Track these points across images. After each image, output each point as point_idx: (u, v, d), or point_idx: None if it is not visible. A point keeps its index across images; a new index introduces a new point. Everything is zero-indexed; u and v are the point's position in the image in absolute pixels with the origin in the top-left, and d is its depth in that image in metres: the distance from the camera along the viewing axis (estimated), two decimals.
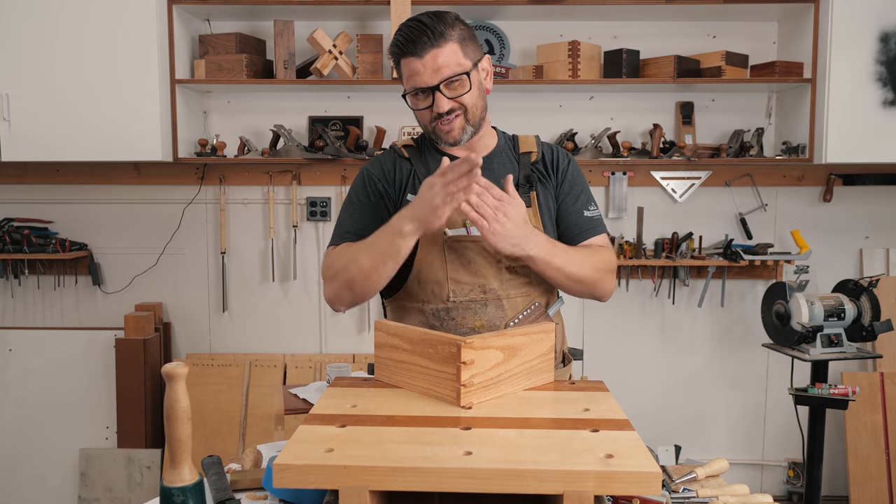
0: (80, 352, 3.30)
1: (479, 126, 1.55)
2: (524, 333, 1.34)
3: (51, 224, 3.34)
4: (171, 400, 1.07)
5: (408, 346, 1.33)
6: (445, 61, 1.45)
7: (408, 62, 1.47)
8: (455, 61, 1.46)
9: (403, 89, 1.54)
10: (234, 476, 1.33)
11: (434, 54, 1.45)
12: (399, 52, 1.48)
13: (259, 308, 3.37)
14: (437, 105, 1.48)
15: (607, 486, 0.96)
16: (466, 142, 1.55)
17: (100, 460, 3.24)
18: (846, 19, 2.86)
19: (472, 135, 1.55)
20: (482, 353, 1.25)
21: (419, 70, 1.46)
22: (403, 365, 1.34)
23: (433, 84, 1.46)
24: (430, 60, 1.45)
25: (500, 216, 1.38)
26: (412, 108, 1.53)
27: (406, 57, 1.47)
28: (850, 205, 3.30)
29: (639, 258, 3.20)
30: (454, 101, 1.48)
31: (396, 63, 1.52)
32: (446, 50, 1.46)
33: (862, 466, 3.21)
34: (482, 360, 1.25)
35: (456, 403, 1.22)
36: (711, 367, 3.38)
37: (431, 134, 1.55)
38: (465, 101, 1.50)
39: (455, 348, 1.22)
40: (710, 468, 1.45)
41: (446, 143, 1.54)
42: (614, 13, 3.09)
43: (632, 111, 3.26)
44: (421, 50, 1.45)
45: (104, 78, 2.88)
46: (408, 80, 1.50)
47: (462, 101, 1.49)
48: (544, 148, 1.64)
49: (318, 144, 3.08)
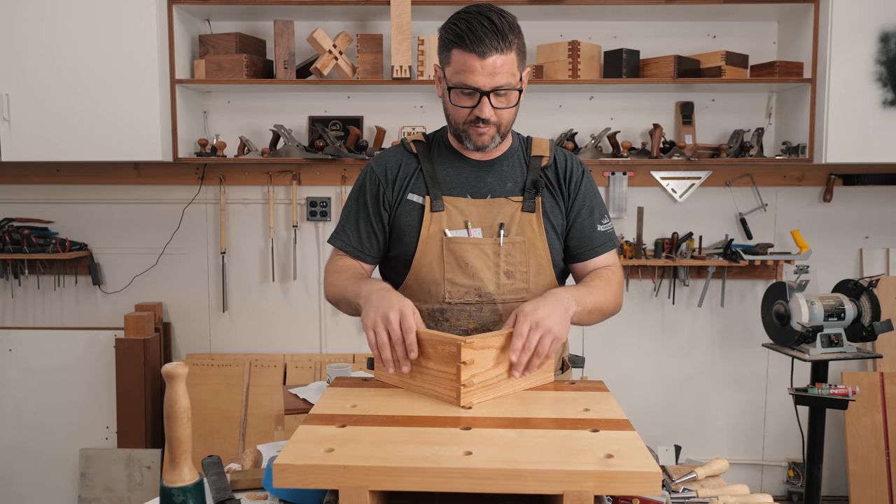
0: (80, 352, 3.30)
1: (505, 136, 1.55)
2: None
3: (51, 224, 3.34)
4: (171, 400, 1.07)
5: None
6: (503, 70, 1.41)
7: (465, 56, 1.40)
8: (510, 72, 1.42)
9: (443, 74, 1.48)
10: (234, 476, 1.33)
11: (495, 60, 1.39)
12: (459, 43, 1.40)
13: (259, 308, 3.37)
14: (481, 110, 1.44)
15: (607, 486, 0.96)
16: (493, 148, 1.53)
17: (100, 460, 3.24)
18: (846, 19, 2.86)
19: (499, 143, 1.53)
20: (482, 353, 1.25)
21: (476, 69, 1.40)
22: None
23: (486, 89, 1.41)
24: (490, 65, 1.39)
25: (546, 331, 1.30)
26: (451, 103, 1.47)
27: (466, 51, 1.40)
28: (850, 205, 3.30)
29: (639, 258, 3.20)
30: (495, 112, 1.45)
31: (447, 48, 1.44)
32: (508, 59, 1.41)
33: (862, 466, 3.21)
34: (482, 360, 1.25)
35: (456, 403, 1.22)
36: (711, 367, 3.38)
37: (460, 132, 1.51)
38: (503, 115, 1.47)
39: (455, 348, 1.22)
40: (710, 468, 1.45)
41: (473, 145, 1.51)
42: (614, 13, 3.09)
43: (632, 111, 3.26)
44: (486, 51, 1.38)
45: (104, 78, 2.88)
46: (456, 73, 1.43)
47: (501, 115, 1.47)
48: (557, 154, 1.62)
49: (318, 144, 3.08)
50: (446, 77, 1.47)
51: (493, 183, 1.57)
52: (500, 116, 1.47)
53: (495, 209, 1.54)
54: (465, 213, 1.54)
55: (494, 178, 1.57)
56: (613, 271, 1.60)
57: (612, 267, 1.62)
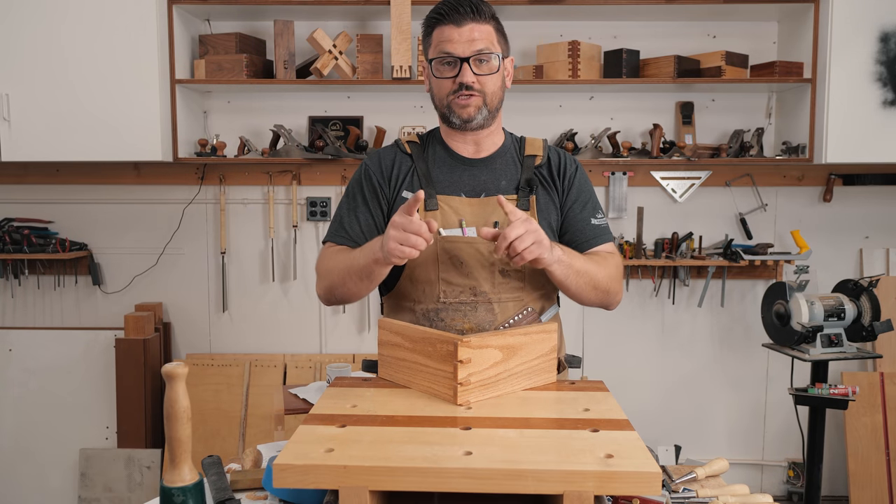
0: (80, 352, 3.31)
1: (494, 113, 1.56)
2: (524, 333, 1.34)
3: (51, 224, 3.34)
4: (171, 400, 1.07)
5: (408, 345, 1.33)
6: (481, 36, 1.49)
7: (443, 29, 1.49)
8: (489, 40, 1.50)
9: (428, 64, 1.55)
10: (234, 476, 1.33)
11: (472, 27, 1.48)
12: (438, 18, 1.50)
13: (259, 308, 3.37)
14: (462, 75, 1.49)
15: (607, 486, 0.96)
16: (479, 123, 1.54)
17: (100, 460, 3.24)
18: (846, 19, 2.86)
19: (486, 119, 1.54)
20: (480, 353, 1.25)
21: (454, 38, 1.48)
22: (405, 363, 1.35)
23: (464, 55, 1.48)
24: (468, 32, 1.48)
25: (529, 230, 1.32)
26: (434, 77, 1.53)
27: (443, 24, 1.49)
28: (850, 205, 3.30)
29: (639, 258, 3.20)
30: (478, 80, 1.50)
31: (428, 33, 1.54)
32: (484, 28, 1.50)
33: (862, 466, 3.21)
34: (480, 359, 1.25)
35: (453, 402, 1.22)
36: (711, 367, 3.38)
37: (445, 109, 1.54)
38: (487, 83, 1.51)
39: (452, 347, 1.22)
40: (710, 468, 1.45)
41: (459, 118, 1.53)
42: (614, 13, 3.09)
43: (632, 111, 3.26)
44: (461, 19, 1.48)
45: (104, 78, 2.88)
46: (437, 45, 1.51)
47: (484, 84, 1.51)
48: (551, 153, 1.63)
49: (318, 144, 3.09)
50: (428, 57, 1.54)
51: (487, 181, 1.58)
52: (483, 84, 1.51)
53: (489, 208, 1.54)
54: (460, 212, 1.54)
55: (488, 177, 1.58)
56: (611, 256, 1.59)
57: (609, 253, 1.61)
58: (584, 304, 1.56)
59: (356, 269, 1.46)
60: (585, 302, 1.55)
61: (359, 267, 1.45)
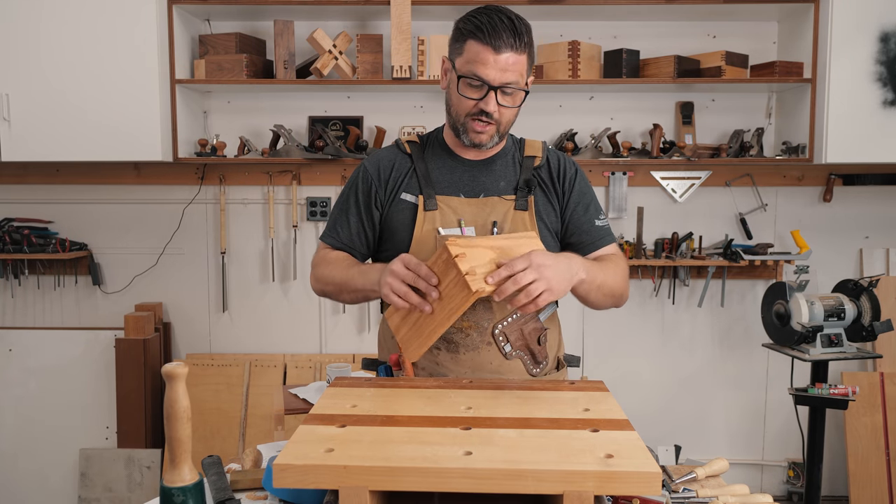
0: (80, 352, 3.30)
1: (503, 136, 1.57)
2: (506, 238, 1.40)
3: (51, 224, 3.34)
4: (171, 400, 1.07)
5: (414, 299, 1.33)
6: (514, 69, 1.45)
7: (480, 48, 1.43)
8: (520, 72, 1.47)
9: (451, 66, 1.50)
10: (234, 476, 1.33)
11: (509, 57, 1.44)
12: (476, 34, 1.44)
13: (259, 308, 3.37)
14: (486, 103, 1.47)
15: (607, 486, 0.96)
16: (488, 147, 1.55)
17: (100, 460, 3.24)
18: (846, 19, 2.86)
19: (496, 143, 1.56)
20: (472, 251, 1.29)
21: (489, 62, 1.43)
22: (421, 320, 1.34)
23: (495, 84, 1.45)
24: (503, 61, 1.43)
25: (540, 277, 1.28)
26: (458, 93, 1.49)
27: (482, 43, 1.43)
28: (850, 205, 3.30)
29: (639, 258, 3.20)
30: (499, 110, 1.48)
31: (461, 38, 1.47)
32: (520, 59, 1.46)
33: (862, 466, 3.21)
34: (476, 256, 1.29)
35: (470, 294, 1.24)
36: (711, 367, 3.38)
37: (459, 126, 1.53)
38: (506, 113, 1.50)
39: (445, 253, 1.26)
40: (710, 468, 1.45)
41: (471, 141, 1.53)
42: (614, 13, 3.09)
43: (632, 111, 3.26)
44: (502, 46, 1.43)
45: (104, 78, 2.88)
46: (468, 62, 1.45)
47: (503, 114, 1.50)
48: (550, 155, 1.64)
49: (318, 144, 3.09)
50: (456, 67, 1.49)
51: (486, 182, 1.58)
52: (502, 115, 1.50)
53: (488, 208, 1.55)
54: (459, 212, 1.55)
55: (487, 178, 1.59)
56: (619, 258, 1.63)
57: (615, 255, 1.64)
58: (598, 309, 1.60)
59: (352, 288, 1.52)
60: (600, 308, 1.58)
61: (354, 287, 1.51)
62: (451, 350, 1.52)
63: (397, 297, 1.32)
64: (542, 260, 1.30)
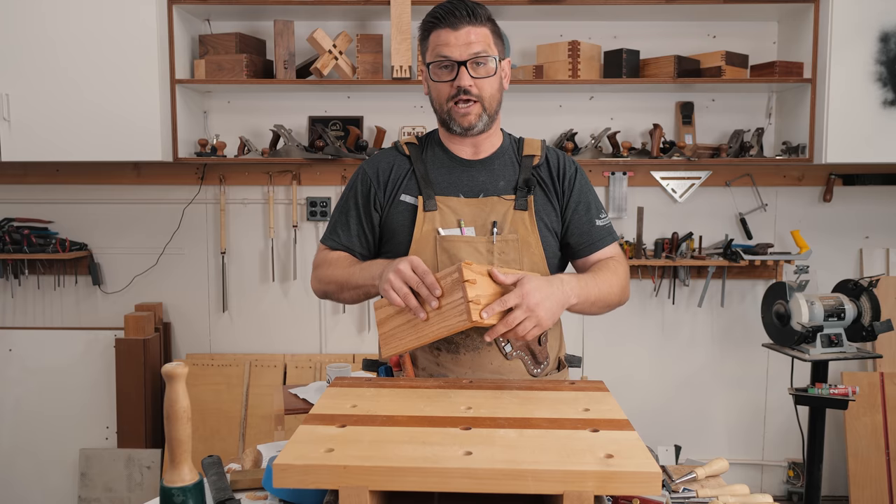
0: (80, 352, 3.30)
1: (493, 117, 1.56)
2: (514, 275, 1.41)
3: (51, 224, 3.34)
4: (171, 400, 1.07)
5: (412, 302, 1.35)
6: (477, 39, 1.49)
7: (440, 33, 1.49)
8: (486, 43, 1.50)
9: (426, 67, 1.55)
10: (234, 476, 1.33)
11: (468, 31, 1.48)
12: (434, 22, 1.50)
13: (259, 308, 3.37)
14: (460, 79, 1.49)
15: (607, 486, 0.96)
16: (480, 130, 1.55)
17: (100, 460, 3.24)
18: (846, 19, 2.86)
19: (487, 124, 1.55)
20: (481, 279, 1.31)
21: (450, 41, 1.48)
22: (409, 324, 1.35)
23: (461, 59, 1.48)
24: (464, 35, 1.48)
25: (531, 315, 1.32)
26: (432, 80, 1.53)
27: (440, 28, 1.49)
28: (850, 205, 3.30)
29: (639, 258, 3.20)
30: (475, 83, 1.50)
31: (425, 36, 1.54)
32: (480, 31, 1.49)
33: (862, 466, 3.21)
34: (483, 286, 1.31)
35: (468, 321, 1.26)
36: (711, 367, 3.38)
37: (445, 115, 1.54)
38: (484, 86, 1.51)
39: (458, 273, 1.28)
40: (710, 468, 1.45)
41: (460, 126, 1.53)
42: (614, 13, 3.09)
43: (632, 111, 3.26)
44: (457, 23, 1.48)
45: (104, 78, 2.88)
46: (434, 49, 1.51)
47: (482, 87, 1.50)
48: (549, 153, 1.64)
49: (318, 144, 3.09)
50: (426, 61, 1.54)
51: (485, 182, 1.58)
52: (481, 88, 1.51)
53: (488, 208, 1.55)
54: (458, 213, 1.54)
55: (486, 177, 1.59)
56: (618, 262, 1.62)
57: (616, 258, 1.64)
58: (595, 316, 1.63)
59: (353, 284, 1.53)
60: (596, 315, 1.62)
61: (356, 284, 1.52)
62: (451, 350, 1.52)
63: (395, 294, 1.33)
64: (534, 296, 1.32)
